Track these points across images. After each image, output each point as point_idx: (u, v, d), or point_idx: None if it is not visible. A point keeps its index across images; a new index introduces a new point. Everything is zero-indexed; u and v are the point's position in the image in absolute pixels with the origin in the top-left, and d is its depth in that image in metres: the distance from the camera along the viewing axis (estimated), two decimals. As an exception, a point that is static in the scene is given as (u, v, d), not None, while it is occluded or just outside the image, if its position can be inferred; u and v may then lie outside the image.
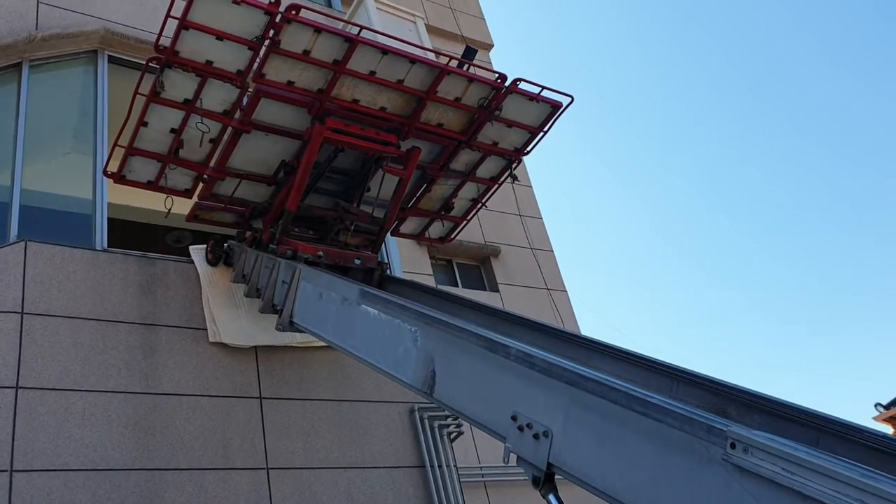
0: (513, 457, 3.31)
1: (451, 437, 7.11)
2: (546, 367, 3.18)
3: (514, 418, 3.27)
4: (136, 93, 5.63)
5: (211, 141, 5.99)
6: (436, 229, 7.80)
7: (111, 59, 7.43)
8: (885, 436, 2.89)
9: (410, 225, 7.58)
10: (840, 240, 63.41)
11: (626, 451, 2.76)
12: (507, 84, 6.23)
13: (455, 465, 6.90)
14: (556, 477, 3.15)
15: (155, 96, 5.61)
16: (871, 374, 58.60)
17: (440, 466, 6.73)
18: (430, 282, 10.34)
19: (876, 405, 23.05)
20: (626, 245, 72.82)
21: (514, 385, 3.35)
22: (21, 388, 5.34)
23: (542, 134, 6.81)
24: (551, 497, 3.14)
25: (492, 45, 13.56)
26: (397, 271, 8.43)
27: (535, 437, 3.14)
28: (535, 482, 3.17)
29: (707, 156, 69.65)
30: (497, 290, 11.68)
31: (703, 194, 70.43)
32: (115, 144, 6.03)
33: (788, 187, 64.75)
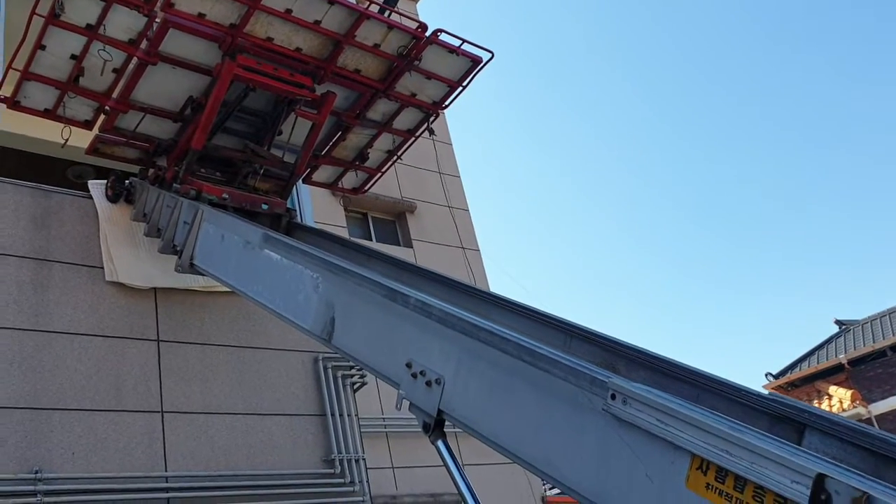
0: (405, 404, 3.34)
1: (355, 387, 7.11)
2: (442, 316, 3.20)
3: (408, 365, 3.29)
4: (32, 13, 5.30)
5: (114, 71, 5.70)
6: (350, 180, 7.70)
7: (9, -24, 6.97)
8: (758, 394, 3.03)
9: (324, 174, 7.45)
10: (750, 209, 66.00)
11: (513, 400, 2.81)
12: (427, 34, 6.14)
13: (356, 415, 6.92)
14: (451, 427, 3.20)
15: (54, 18, 5.28)
16: (763, 345, 61.76)
17: (341, 415, 6.73)
18: (343, 234, 10.25)
19: (766, 374, 24.32)
20: (548, 210, 73.99)
21: (410, 333, 3.37)
22: None
23: (460, 88, 6.76)
24: (440, 443, 3.19)
25: (419, -3, 13.37)
26: (309, 221, 8.31)
27: (428, 384, 3.17)
28: (426, 429, 3.21)
29: (629, 122, 71.09)
30: (411, 246, 11.69)
31: (623, 161, 72.05)
32: (9, 67, 5.67)
33: (708, 154, 66.87)
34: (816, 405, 21.36)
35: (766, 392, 3.05)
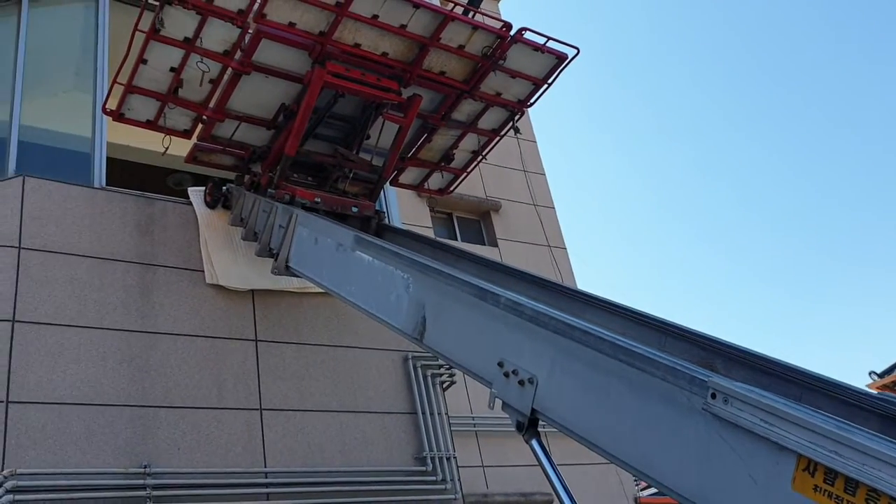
0: (498, 403, 3.36)
1: (444, 385, 7.18)
2: (534, 315, 3.20)
3: (500, 365, 3.31)
4: (135, 29, 5.57)
5: (211, 81, 5.93)
6: (435, 181, 7.77)
7: (113, -5, 7.33)
8: (864, 392, 2.92)
9: (410, 175, 7.54)
10: (843, 210, 63.21)
11: (609, 400, 2.79)
12: (511, 33, 6.14)
13: (446, 414, 6.98)
14: (542, 427, 3.20)
15: (155, 33, 5.54)
16: (868, 344, 58.96)
17: (432, 414, 6.81)
18: (429, 234, 10.35)
19: (870, 373, 23.16)
20: (624, 206, 72.66)
21: (502, 332, 3.38)
22: (17, 321, 5.39)
23: (546, 86, 6.74)
24: (534, 443, 3.19)
25: (501, -4, 13.36)
26: (396, 222, 8.42)
27: (521, 383, 3.17)
28: (519, 428, 3.21)
29: (708, 122, 69.11)
30: (496, 245, 11.69)
31: (702, 160, 70.06)
32: (115, 82, 5.98)
33: (790, 156, 64.43)
34: (926, 405, 20.25)
35: (873, 391, 2.92)
